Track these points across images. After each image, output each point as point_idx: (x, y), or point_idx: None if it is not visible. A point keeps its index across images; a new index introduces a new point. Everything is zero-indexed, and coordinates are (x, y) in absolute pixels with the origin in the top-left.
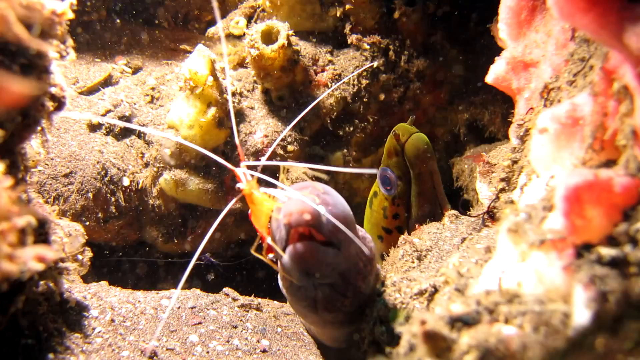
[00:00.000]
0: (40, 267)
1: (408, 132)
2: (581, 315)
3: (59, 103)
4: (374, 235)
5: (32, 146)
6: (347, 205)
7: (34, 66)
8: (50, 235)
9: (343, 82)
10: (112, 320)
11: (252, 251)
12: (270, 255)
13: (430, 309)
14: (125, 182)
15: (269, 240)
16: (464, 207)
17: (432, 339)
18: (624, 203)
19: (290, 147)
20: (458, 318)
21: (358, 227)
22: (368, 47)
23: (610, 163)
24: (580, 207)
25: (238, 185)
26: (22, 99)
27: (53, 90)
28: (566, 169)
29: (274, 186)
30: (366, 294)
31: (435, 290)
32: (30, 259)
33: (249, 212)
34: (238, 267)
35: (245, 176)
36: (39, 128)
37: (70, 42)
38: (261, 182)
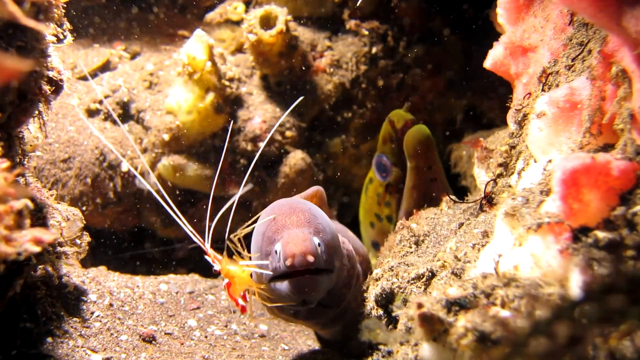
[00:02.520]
0: (37, 249)
1: (403, 118)
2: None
3: (57, 87)
4: (367, 222)
5: (30, 130)
6: (329, 220)
7: (30, 49)
8: (48, 219)
9: (342, 69)
10: (111, 305)
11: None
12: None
13: (427, 294)
14: (124, 167)
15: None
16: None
17: (429, 322)
18: (621, 187)
19: (288, 133)
20: (455, 301)
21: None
22: (367, 32)
23: (608, 147)
24: (578, 190)
25: (214, 267)
26: (18, 75)
27: (50, 73)
28: (564, 153)
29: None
30: (349, 299)
31: (433, 274)
32: (27, 241)
33: (225, 283)
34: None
35: (216, 258)
36: (37, 112)
37: (67, 25)
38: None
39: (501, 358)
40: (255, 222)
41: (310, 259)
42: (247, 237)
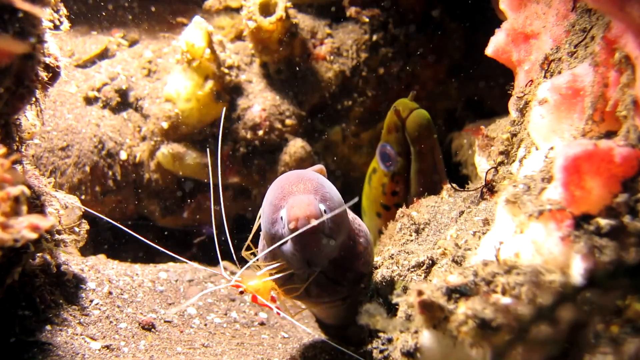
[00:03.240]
0: (34, 236)
1: (408, 107)
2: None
3: (54, 73)
4: (372, 212)
5: (28, 118)
6: (338, 193)
7: (27, 34)
8: (46, 206)
9: (342, 57)
10: (110, 293)
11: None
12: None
13: (428, 281)
14: (123, 155)
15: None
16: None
17: (429, 310)
18: (623, 174)
19: (288, 121)
20: (455, 289)
21: (348, 210)
22: (367, 20)
23: (611, 134)
24: (580, 177)
25: (239, 291)
26: (12, 57)
27: (47, 60)
28: (566, 140)
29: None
30: (359, 286)
31: (433, 262)
32: (24, 227)
33: (250, 297)
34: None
35: (239, 284)
36: (34, 99)
37: (63, 11)
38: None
39: (502, 344)
40: (257, 231)
41: (313, 222)
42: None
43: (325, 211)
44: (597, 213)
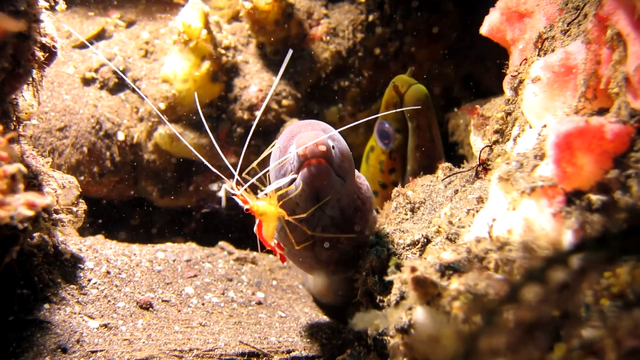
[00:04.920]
0: (30, 213)
1: (407, 83)
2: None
3: (50, 53)
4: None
5: (25, 98)
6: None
7: (22, 13)
8: (43, 186)
9: (338, 37)
10: (108, 272)
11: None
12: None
13: (422, 259)
14: (120, 136)
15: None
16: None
17: (422, 286)
18: (615, 150)
19: (285, 102)
20: (448, 265)
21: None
22: (363, 0)
23: (603, 111)
24: (571, 154)
25: (244, 207)
26: (7, 33)
27: (44, 40)
28: (558, 117)
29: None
30: (362, 236)
31: (428, 241)
32: (21, 205)
33: (255, 226)
34: (235, 221)
35: (244, 196)
36: (30, 79)
37: None
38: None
39: (495, 305)
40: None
41: (322, 147)
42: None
43: (333, 147)
44: (589, 189)
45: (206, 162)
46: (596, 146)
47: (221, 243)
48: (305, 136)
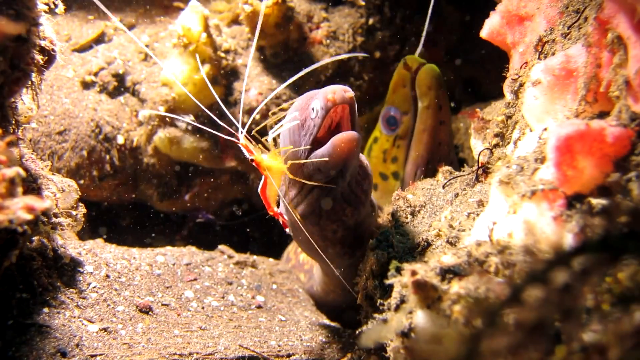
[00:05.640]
0: (29, 217)
1: (417, 61)
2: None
3: (49, 56)
4: None
5: (24, 102)
6: None
7: (22, 16)
8: (42, 189)
9: (338, 40)
10: (107, 276)
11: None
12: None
13: (422, 263)
14: (120, 140)
15: (276, 209)
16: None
17: (423, 289)
18: (615, 153)
19: (285, 106)
20: (449, 269)
21: None
22: (363, 3)
23: (604, 115)
24: (572, 157)
25: (249, 157)
26: (7, 37)
27: (43, 43)
28: (559, 121)
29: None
30: (364, 211)
31: (428, 244)
32: (19, 208)
33: (260, 185)
34: (234, 227)
35: (249, 147)
36: (30, 82)
37: None
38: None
39: (496, 308)
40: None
41: (350, 94)
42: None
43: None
44: (589, 192)
45: (208, 111)
46: (597, 149)
47: (221, 247)
48: (332, 87)
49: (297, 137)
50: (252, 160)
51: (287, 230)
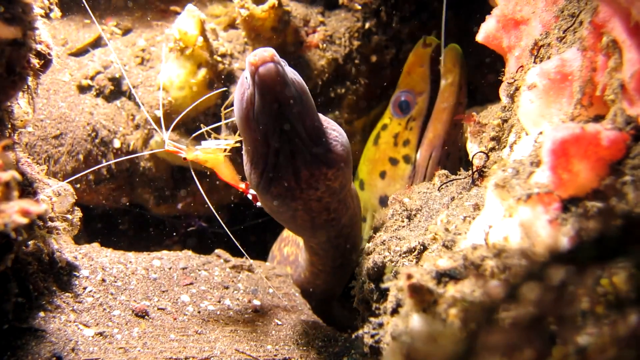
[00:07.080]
0: (24, 220)
1: (434, 40)
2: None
3: (46, 61)
4: (375, 174)
5: (20, 106)
6: None
7: (18, 20)
8: (38, 193)
9: (335, 44)
10: (103, 280)
11: None
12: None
13: (418, 266)
14: (116, 144)
15: (244, 186)
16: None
17: (418, 293)
18: (611, 157)
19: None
20: (445, 272)
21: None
22: (360, 7)
23: (599, 118)
24: (567, 160)
25: (182, 157)
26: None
27: (39, 47)
28: (554, 124)
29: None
30: (346, 183)
31: (424, 248)
32: (15, 212)
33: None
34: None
35: (177, 149)
36: (26, 86)
37: None
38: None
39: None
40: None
41: (271, 51)
42: None
43: (290, 77)
44: (585, 196)
45: (143, 109)
46: (592, 153)
47: (217, 251)
48: (253, 51)
49: (240, 107)
50: (184, 159)
51: (258, 204)
